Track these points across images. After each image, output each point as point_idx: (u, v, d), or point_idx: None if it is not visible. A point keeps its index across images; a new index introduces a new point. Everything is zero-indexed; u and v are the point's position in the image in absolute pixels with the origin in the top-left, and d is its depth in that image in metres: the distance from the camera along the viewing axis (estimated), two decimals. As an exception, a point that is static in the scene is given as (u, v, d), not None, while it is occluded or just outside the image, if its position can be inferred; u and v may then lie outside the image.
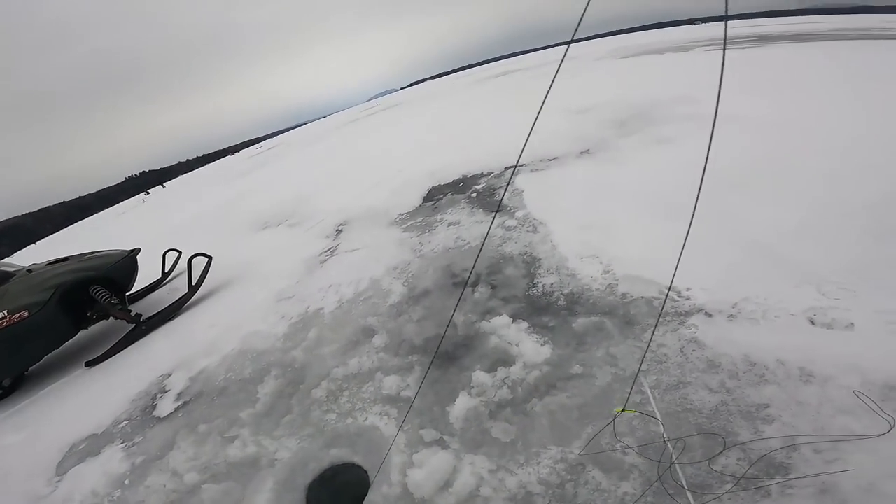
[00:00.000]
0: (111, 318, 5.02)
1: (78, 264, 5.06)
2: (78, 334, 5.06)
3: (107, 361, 4.63)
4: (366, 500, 2.09)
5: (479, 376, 2.46)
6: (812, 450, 1.61)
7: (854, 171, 3.53)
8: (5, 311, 4.34)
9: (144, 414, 3.35)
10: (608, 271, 3.08)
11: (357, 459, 2.33)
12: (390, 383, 2.64)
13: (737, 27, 29.27)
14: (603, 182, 4.62)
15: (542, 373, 2.37)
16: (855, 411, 1.69)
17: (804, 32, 16.68)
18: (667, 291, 2.64)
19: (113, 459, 2.94)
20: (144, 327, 4.97)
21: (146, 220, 16.87)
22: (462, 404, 2.34)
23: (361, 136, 17.59)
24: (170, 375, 3.75)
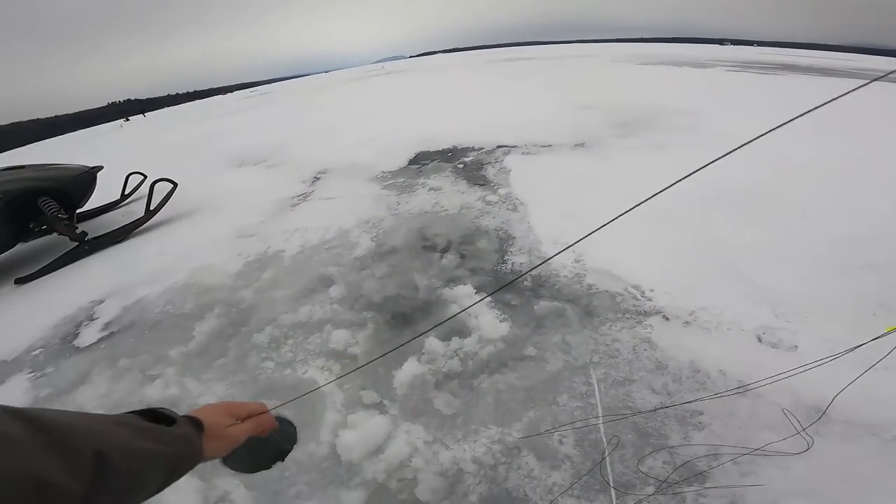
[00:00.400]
0: (54, 233, 4.67)
1: (33, 173, 4.68)
2: (14, 247, 4.70)
3: (38, 280, 4.29)
4: (288, 456, 1.96)
5: (432, 343, 2.35)
6: (732, 461, 1.62)
7: (833, 206, 3.55)
8: None
9: (64, 342, 3.10)
10: (578, 261, 3.03)
11: (287, 414, 2.18)
12: (339, 337, 2.49)
13: (765, 54, 29.72)
14: (591, 176, 4.53)
15: (495, 349, 2.30)
16: (779, 429, 1.70)
17: (831, 68, 16.82)
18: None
19: (15, 390, 2.70)
20: (87, 247, 4.64)
21: (118, 145, 16.01)
22: (409, 370, 2.23)
23: (359, 95, 17.05)
24: (101, 302, 3.50)
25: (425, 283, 2.90)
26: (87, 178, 4.97)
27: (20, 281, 4.30)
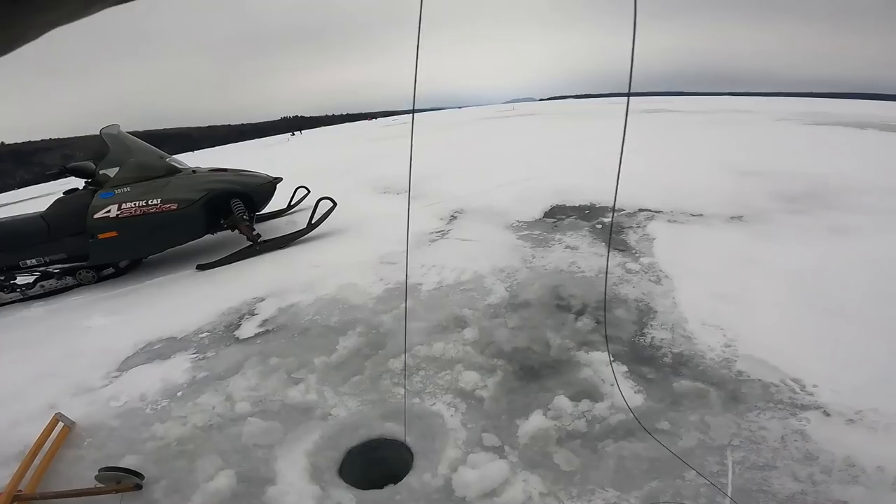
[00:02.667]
0: (236, 230, 5.59)
1: (233, 177, 5.71)
2: (203, 238, 5.70)
3: (215, 270, 5.10)
4: (403, 481, 2.06)
5: (561, 401, 2.35)
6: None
7: None
8: (159, 200, 4.96)
9: (227, 331, 3.55)
10: (729, 346, 2.77)
11: (408, 440, 2.31)
12: (469, 378, 2.58)
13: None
14: (751, 256, 4.08)
15: (626, 417, 2.24)
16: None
17: None
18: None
19: (177, 368, 3.08)
20: (258, 248, 5.46)
21: (284, 158, 18.80)
22: (534, 422, 2.25)
23: (491, 135, 17.75)
24: (262, 300, 4.00)
25: (558, 342, 2.87)
26: (270, 188, 5.92)
27: (201, 267, 5.20)
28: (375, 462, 2.30)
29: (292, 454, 2.27)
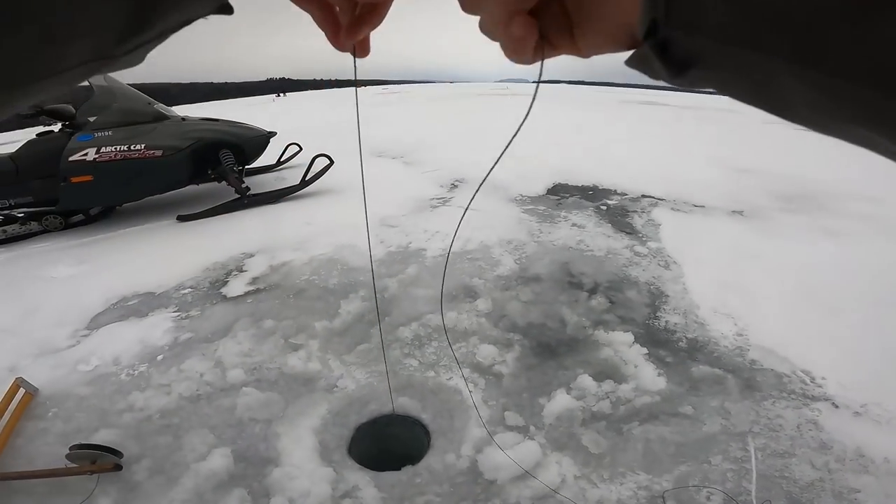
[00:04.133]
0: (223, 182, 5.26)
1: (225, 126, 5.35)
2: (186, 188, 5.34)
3: (197, 222, 4.77)
4: (422, 462, 1.94)
5: (584, 380, 2.28)
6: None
7: None
8: (143, 145, 4.59)
9: (212, 287, 3.25)
10: (742, 335, 2.79)
11: (424, 417, 2.17)
12: (486, 352, 2.47)
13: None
14: (753, 250, 4.10)
15: (651, 400, 2.21)
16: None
17: None
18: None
19: (157, 328, 2.74)
20: (247, 202, 5.15)
21: (269, 118, 17.95)
22: (560, 402, 2.16)
23: (487, 111, 17.42)
24: (252, 256, 3.73)
25: (574, 319, 2.79)
26: (262, 141, 5.57)
27: (183, 218, 4.86)
28: (387, 440, 2.14)
29: (295, 430, 2.06)
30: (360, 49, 0.40)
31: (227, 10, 0.31)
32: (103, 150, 4.46)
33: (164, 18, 0.27)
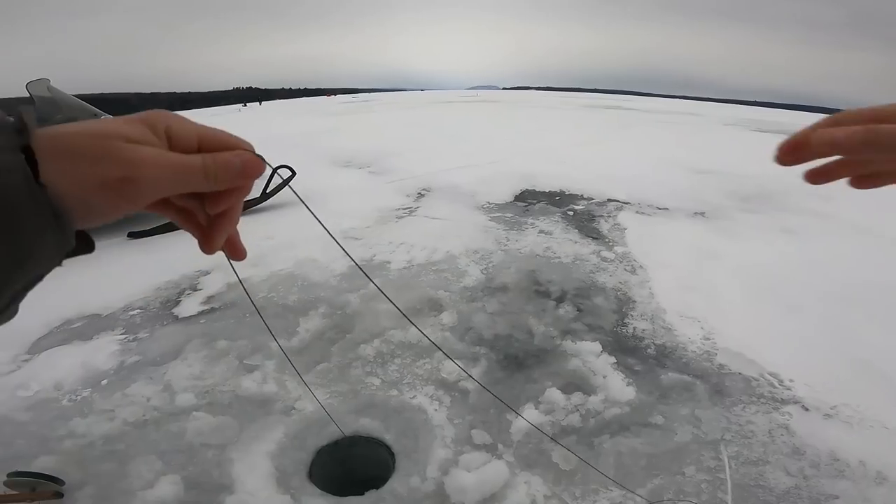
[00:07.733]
0: None
1: None
2: None
3: (150, 238, 4.50)
4: (386, 486, 1.82)
5: (553, 394, 2.20)
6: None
7: None
8: None
9: (163, 308, 3.09)
10: (708, 338, 2.79)
11: (387, 438, 2.06)
12: (451, 367, 2.36)
13: None
14: (715, 251, 4.17)
15: (621, 411, 2.17)
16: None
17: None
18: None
19: (102, 351, 2.61)
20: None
21: (234, 128, 17.47)
22: (528, 417, 2.08)
23: (456, 118, 17.47)
24: (207, 274, 3.54)
25: (542, 330, 2.73)
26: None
27: (133, 235, 4.57)
28: (349, 464, 2.02)
29: (250, 456, 1.93)
30: (231, 251, 0.40)
31: (87, 248, 0.33)
32: None
33: (9, 286, 0.28)
